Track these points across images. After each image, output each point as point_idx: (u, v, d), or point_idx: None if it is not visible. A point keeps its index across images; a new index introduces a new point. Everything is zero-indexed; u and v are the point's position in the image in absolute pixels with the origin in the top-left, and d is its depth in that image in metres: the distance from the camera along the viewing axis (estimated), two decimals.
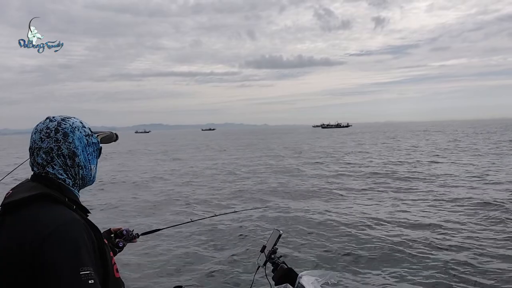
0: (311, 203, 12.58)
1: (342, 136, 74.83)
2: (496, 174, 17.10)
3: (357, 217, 10.40)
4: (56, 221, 1.21)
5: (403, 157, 26.85)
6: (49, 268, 1.14)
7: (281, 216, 10.53)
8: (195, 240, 8.55)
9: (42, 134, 1.39)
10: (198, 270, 6.92)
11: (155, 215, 11.45)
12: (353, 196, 13.61)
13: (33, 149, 1.40)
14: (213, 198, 13.79)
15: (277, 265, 2.01)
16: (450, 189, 14.02)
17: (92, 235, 1.29)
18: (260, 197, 13.78)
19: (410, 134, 70.72)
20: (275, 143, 56.04)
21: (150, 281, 6.44)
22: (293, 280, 1.89)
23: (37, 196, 1.28)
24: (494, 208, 10.59)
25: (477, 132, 70.54)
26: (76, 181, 1.44)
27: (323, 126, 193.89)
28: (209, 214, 3.43)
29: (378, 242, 8.10)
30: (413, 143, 43.68)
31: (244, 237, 8.70)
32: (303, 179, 18.20)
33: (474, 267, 6.61)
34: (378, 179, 17.32)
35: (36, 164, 1.39)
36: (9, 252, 1.21)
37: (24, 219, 1.24)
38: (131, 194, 15.12)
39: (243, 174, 20.67)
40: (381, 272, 6.61)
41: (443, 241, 8.03)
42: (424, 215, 10.43)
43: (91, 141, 1.49)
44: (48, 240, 1.16)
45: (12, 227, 1.25)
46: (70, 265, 1.15)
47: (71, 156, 1.41)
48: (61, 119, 1.44)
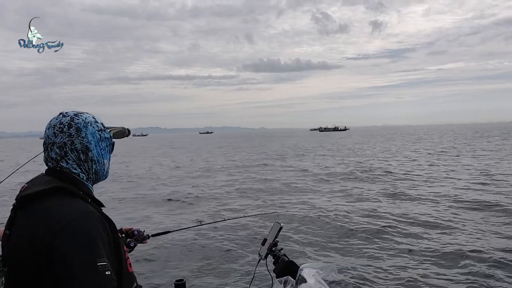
0: (312, 198, 12.73)
1: (343, 139, 74.73)
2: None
3: (359, 212, 10.50)
4: (69, 215, 1.21)
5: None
6: (63, 262, 1.14)
7: (283, 214, 10.61)
8: (201, 240, 8.63)
9: (55, 129, 1.40)
10: (199, 264, 7.00)
11: (167, 215, 11.54)
12: (354, 193, 13.74)
13: (47, 144, 1.41)
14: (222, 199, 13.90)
15: (278, 258, 2.03)
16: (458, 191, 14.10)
17: (107, 228, 1.29)
18: (269, 201, 13.87)
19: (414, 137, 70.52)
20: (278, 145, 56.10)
21: (152, 275, 6.51)
22: (294, 273, 1.90)
23: (53, 190, 1.28)
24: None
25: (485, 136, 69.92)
26: (90, 176, 1.46)
27: (321, 130, 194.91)
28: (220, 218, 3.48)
29: (378, 236, 8.19)
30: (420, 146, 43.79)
31: (247, 235, 8.77)
32: (306, 178, 18.38)
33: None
34: (379, 177, 17.47)
35: (50, 158, 1.40)
36: (21, 248, 1.21)
37: (37, 213, 1.24)
38: (145, 190, 15.20)
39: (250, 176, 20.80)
40: (382, 265, 6.67)
41: (446, 240, 8.10)
42: (427, 213, 10.53)
43: (103, 136, 1.50)
44: (60, 235, 1.16)
45: (25, 221, 1.26)
46: (86, 257, 1.15)
47: (84, 150, 1.42)
48: (74, 114, 1.45)
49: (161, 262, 7.19)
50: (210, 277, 6.41)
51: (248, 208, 11.74)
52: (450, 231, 8.44)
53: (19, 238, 1.25)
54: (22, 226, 1.26)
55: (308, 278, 1.85)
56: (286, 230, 8.37)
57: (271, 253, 2.06)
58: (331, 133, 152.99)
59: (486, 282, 5.81)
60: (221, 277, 6.40)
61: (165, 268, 6.91)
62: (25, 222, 1.26)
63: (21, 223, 1.27)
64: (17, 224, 1.29)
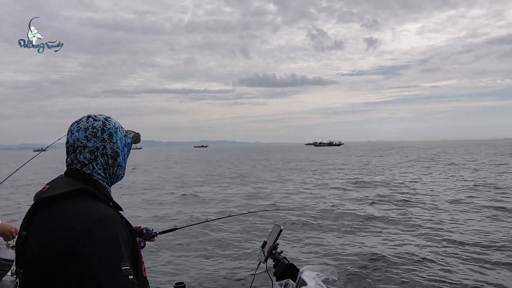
0: (312, 202, 12.76)
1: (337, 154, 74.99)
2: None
3: (361, 215, 10.50)
4: (93, 217, 1.20)
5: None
6: (87, 263, 1.12)
7: (285, 214, 10.67)
8: (204, 238, 8.64)
9: (87, 133, 1.38)
10: (201, 267, 6.99)
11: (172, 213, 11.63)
12: (356, 199, 13.75)
13: (75, 147, 1.38)
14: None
15: (278, 261, 2.00)
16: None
17: (128, 231, 1.28)
18: (271, 201, 13.92)
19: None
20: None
21: (152, 277, 6.48)
22: (294, 276, 1.89)
23: (75, 192, 1.26)
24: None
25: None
26: (111, 179, 1.45)
27: (316, 144, 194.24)
28: (224, 215, 3.49)
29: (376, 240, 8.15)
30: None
31: (250, 235, 8.79)
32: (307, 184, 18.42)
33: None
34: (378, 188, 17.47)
35: (77, 161, 1.37)
36: (41, 249, 1.19)
37: (57, 215, 1.22)
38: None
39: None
40: (382, 264, 6.64)
41: (443, 247, 8.07)
42: (425, 217, 10.52)
43: (127, 142, 1.51)
44: (87, 236, 1.15)
45: (45, 223, 1.23)
46: (111, 259, 1.14)
47: (114, 156, 1.42)
48: (104, 119, 1.44)
49: (162, 263, 7.18)
50: (210, 280, 6.37)
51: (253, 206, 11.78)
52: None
53: (38, 240, 1.22)
54: (42, 228, 1.24)
55: (308, 280, 1.84)
56: (286, 232, 8.36)
57: (271, 256, 2.04)
58: (326, 148, 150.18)
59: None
60: (221, 281, 6.37)
61: (165, 269, 6.89)
62: (46, 224, 1.23)
63: (41, 224, 1.25)
64: (36, 225, 1.26)
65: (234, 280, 6.37)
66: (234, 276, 6.49)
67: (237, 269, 6.79)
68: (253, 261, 6.94)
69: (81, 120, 1.42)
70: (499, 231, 8.61)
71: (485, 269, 6.42)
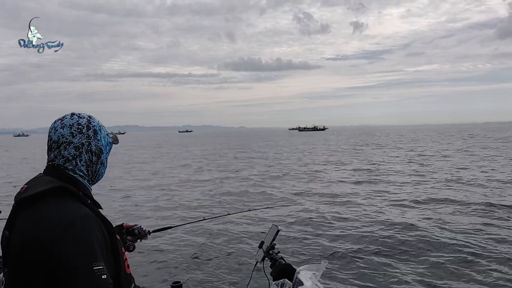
0: (309, 201, 12.77)
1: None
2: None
3: (354, 214, 10.53)
4: (68, 217, 1.22)
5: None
6: (61, 265, 1.16)
7: (285, 214, 10.65)
8: (200, 237, 8.63)
9: (73, 129, 1.41)
10: (196, 266, 7.00)
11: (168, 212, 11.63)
12: (350, 195, 13.80)
13: (59, 143, 1.40)
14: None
15: (275, 261, 2.02)
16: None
17: (104, 231, 1.30)
18: (270, 197, 13.99)
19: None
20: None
21: (149, 276, 6.49)
22: (291, 276, 1.90)
23: (53, 190, 1.28)
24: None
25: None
26: (93, 177, 1.48)
27: (300, 129, 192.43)
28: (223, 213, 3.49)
29: (372, 237, 8.21)
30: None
31: (248, 234, 8.78)
32: (306, 179, 18.47)
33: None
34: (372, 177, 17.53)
35: (61, 157, 1.39)
36: (22, 250, 1.22)
37: (36, 215, 1.25)
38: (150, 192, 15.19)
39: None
40: (382, 265, 6.70)
41: (437, 239, 8.12)
42: (419, 213, 10.57)
43: (108, 140, 1.55)
44: (60, 237, 1.18)
45: (25, 223, 1.26)
46: (84, 260, 1.17)
47: (98, 153, 1.46)
48: (88, 116, 1.48)
49: (158, 262, 7.19)
50: (207, 280, 6.39)
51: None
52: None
53: (19, 240, 1.25)
54: (22, 228, 1.27)
55: (305, 280, 1.86)
56: (284, 232, 8.38)
57: (268, 256, 2.05)
58: (310, 132, 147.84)
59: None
60: (218, 280, 6.39)
61: (161, 269, 6.90)
62: (26, 224, 1.26)
63: (22, 225, 1.28)
64: (17, 226, 1.29)
65: (231, 279, 6.39)
66: (231, 276, 6.51)
67: (234, 269, 6.81)
68: (250, 261, 6.96)
69: (65, 117, 1.44)
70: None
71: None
